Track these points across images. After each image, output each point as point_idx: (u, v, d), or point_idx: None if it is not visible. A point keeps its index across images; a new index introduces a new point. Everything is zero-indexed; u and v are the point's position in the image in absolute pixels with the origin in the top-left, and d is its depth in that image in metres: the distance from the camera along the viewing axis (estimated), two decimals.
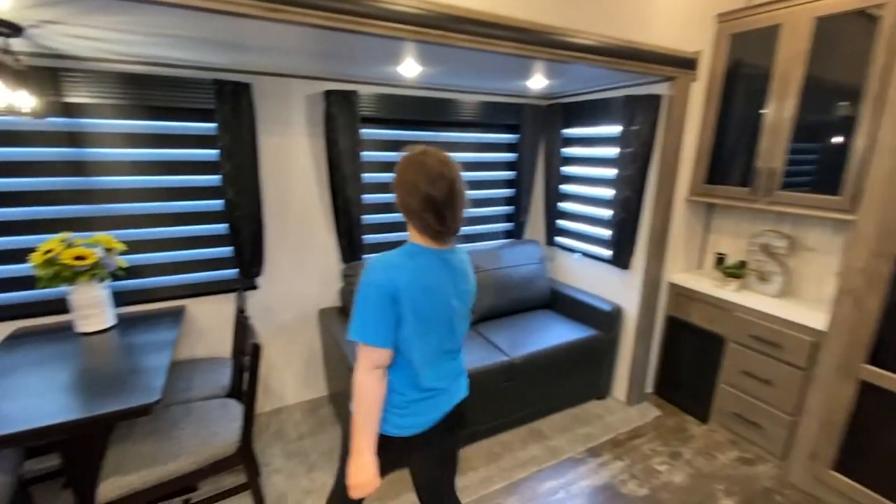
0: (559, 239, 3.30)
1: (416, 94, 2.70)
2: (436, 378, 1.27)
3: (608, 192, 2.77)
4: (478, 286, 1.73)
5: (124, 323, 2.13)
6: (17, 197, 1.99)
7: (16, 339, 1.94)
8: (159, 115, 2.15)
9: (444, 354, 1.29)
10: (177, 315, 2.24)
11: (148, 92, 2.06)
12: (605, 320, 2.73)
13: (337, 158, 2.49)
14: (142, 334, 2.03)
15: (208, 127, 2.22)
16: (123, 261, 2.09)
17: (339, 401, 2.45)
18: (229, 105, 2.16)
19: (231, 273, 2.46)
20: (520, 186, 3.22)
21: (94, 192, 2.11)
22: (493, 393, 2.38)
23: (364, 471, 1.17)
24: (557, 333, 2.68)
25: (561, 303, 3.08)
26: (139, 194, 2.20)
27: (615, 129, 2.67)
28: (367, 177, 2.66)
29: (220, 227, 2.36)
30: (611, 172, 2.73)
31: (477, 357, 2.38)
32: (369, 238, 2.80)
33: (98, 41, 1.72)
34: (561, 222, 3.25)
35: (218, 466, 1.72)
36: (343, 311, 2.66)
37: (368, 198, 2.70)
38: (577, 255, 3.16)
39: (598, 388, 2.85)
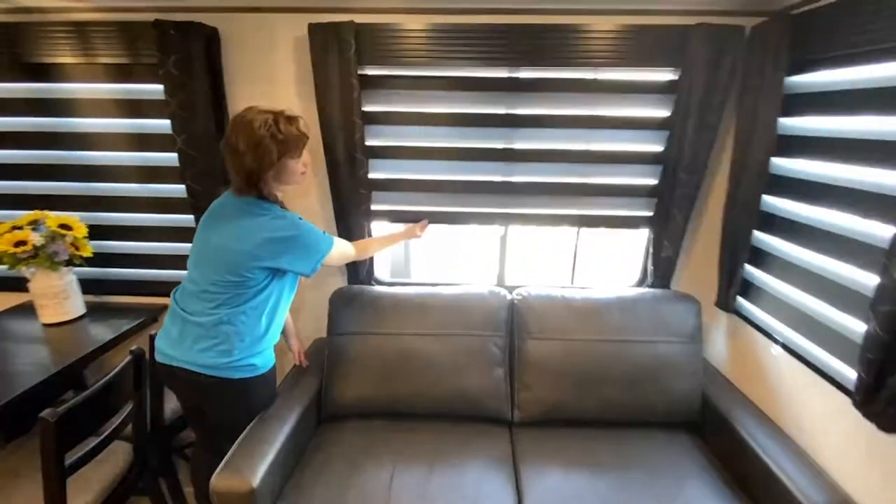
0: (745, 303, 1.65)
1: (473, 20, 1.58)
2: None
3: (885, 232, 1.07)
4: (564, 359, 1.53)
5: (97, 314, 1.89)
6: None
7: None
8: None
9: None
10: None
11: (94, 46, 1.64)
12: None
13: (327, 128, 1.65)
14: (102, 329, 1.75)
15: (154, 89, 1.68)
16: (88, 246, 1.81)
17: None
18: (177, 56, 1.57)
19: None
20: (668, 192, 1.70)
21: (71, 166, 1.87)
22: None
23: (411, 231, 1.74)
24: None
25: (719, 433, 1.52)
26: (114, 172, 1.87)
27: None
28: (381, 164, 1.75)
29: (188, 218, 1.87)
30: None
31: None
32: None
33: None
34: (756, 272, 1.59)
35: None
36: None
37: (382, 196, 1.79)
38: (776, 347, 1.49)
39: None
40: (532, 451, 1.52)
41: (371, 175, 1.77)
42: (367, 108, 1.69)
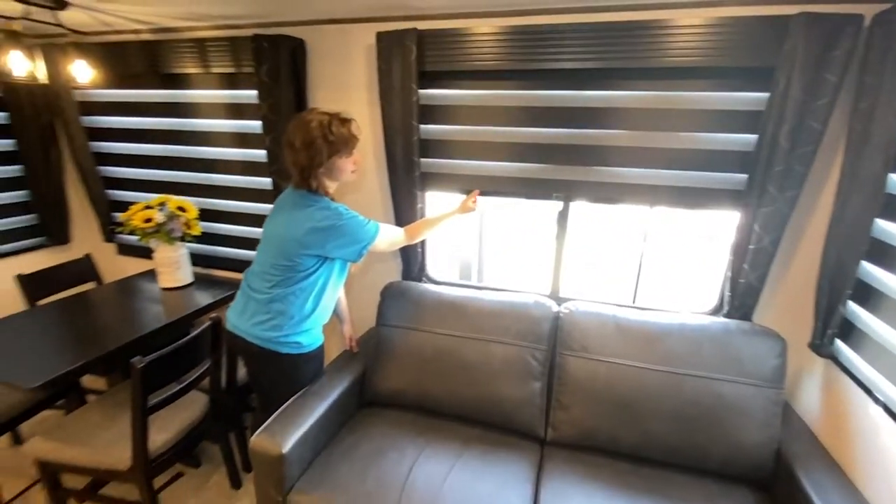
0: (844, 348, 1.36)
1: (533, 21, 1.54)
2: None
3: None
4: (606, 382, 1.49)
5: (201, 283, 2.26)
6: (133, 160, 2.34)
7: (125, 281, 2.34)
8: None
9: None
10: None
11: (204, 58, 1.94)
12: None
13: (389, 131, 1.75)
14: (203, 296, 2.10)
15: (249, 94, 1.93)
16: (198, 226, 2.17)
17: None
18: (268, 66, 1.79)
19: None
20: (751, 207, 1.46)
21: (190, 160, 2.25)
22: None
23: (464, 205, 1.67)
24: None
25: (791, 499, 1.28)
26: (221, 165, 2.20)
27: None
28: (432, 163, 1.79)
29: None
30: None
31: None
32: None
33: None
34: (860, 311, 1.30)
35: None
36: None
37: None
38: (876, 407, 1.21)
39: None
40: (559, 472, 1.45)
41: (425, 168, 1.83)
42: (424, 103, 1.75)
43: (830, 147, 1.38)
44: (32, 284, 2.10)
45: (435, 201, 1.94)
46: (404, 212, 1.86)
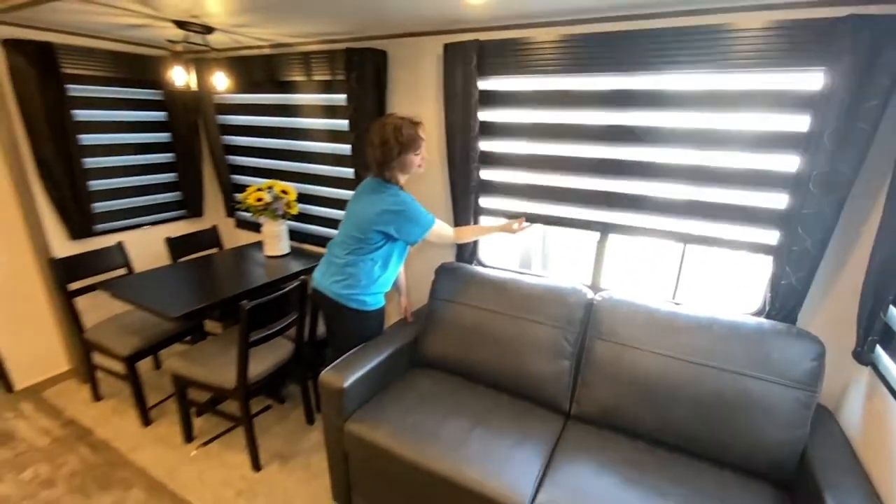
0: (884, 357, 1.32)
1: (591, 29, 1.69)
2: None
3: None
4: (630, 367, 1.62)
5: (296, 254, 2.73)
6: (251, 151, 2.88)
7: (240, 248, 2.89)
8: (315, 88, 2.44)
9: None
10: None
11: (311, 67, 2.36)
12: None
13: (450, 125, 2.00)
14: (296, 263, 2.56)
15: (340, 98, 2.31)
16: (296, 206, 2.62)
17: None
18: (356, 73, 2.14)
19: None
20: (795, 210, 1.46)
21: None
22: None
23: (507, 227, 1.91)
24: None
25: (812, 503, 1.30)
26: (317, 157, 2.64)
27: None
28: (492, 167, 2.00)
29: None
30: None
31: None
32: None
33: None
34: None
35: None
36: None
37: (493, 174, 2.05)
38: None
39: None
40: (576, 441, 1.59)
41: (482, 176, 2.06)
42: (483, 119, 1.98)
43: (880, 151, 1.34)
44: (176, 246, 2.71)
45: (491, 203, 2.17)
46: (460, 206, 2.11)
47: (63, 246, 2.46)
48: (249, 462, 2.03)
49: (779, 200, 1.55)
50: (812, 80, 1.39)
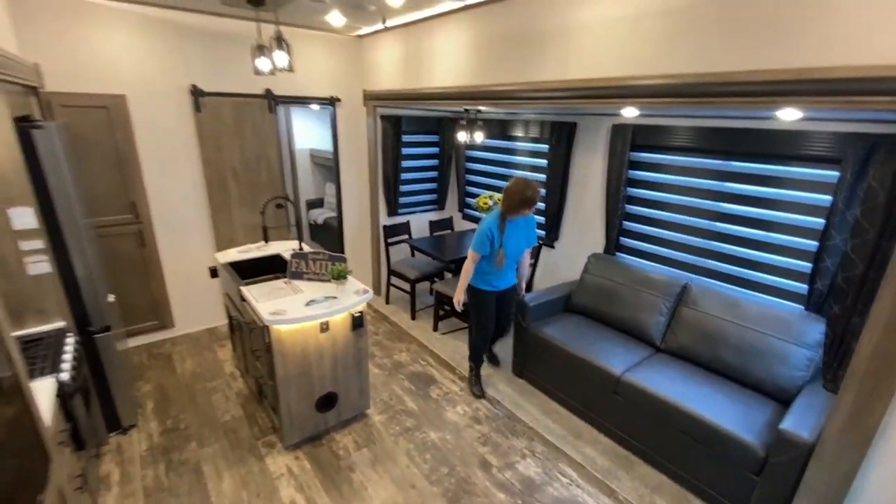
0: None
1: (695, 123, 2.85)
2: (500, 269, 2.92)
3: None
4: (701, 324, 2.68)
5: None
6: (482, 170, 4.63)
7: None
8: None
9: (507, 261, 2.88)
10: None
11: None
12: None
13: (609, 174, 3.34)
14: None
15: (543, 148, 3.83)
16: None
17: None
18: (556, 138, 3.64)
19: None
20: (825, 242, 2.35)
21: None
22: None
23: (458, 293, 3.00)
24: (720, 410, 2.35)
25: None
26: None
27: None
28: (635, 192, 3.27)
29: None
30: None
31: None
32: (626, 242, 3.41)
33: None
34: None
35: None
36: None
37: (633, 209, 3.31)
38: None
39: None
40: (658, 360, 2.77)
41: (626, 209, 3.33)
42: (630, 175, 3.25)
43: None
44: (433, 225, 4.67)
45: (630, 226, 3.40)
46: (611, 228, 3.41)
47: (384, 219, 4.64)
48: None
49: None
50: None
